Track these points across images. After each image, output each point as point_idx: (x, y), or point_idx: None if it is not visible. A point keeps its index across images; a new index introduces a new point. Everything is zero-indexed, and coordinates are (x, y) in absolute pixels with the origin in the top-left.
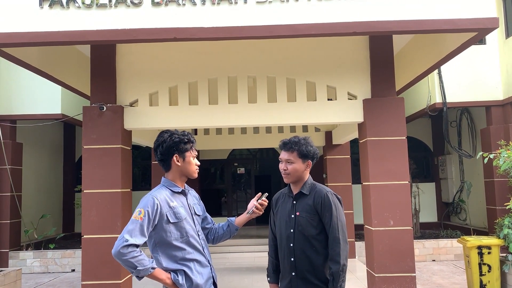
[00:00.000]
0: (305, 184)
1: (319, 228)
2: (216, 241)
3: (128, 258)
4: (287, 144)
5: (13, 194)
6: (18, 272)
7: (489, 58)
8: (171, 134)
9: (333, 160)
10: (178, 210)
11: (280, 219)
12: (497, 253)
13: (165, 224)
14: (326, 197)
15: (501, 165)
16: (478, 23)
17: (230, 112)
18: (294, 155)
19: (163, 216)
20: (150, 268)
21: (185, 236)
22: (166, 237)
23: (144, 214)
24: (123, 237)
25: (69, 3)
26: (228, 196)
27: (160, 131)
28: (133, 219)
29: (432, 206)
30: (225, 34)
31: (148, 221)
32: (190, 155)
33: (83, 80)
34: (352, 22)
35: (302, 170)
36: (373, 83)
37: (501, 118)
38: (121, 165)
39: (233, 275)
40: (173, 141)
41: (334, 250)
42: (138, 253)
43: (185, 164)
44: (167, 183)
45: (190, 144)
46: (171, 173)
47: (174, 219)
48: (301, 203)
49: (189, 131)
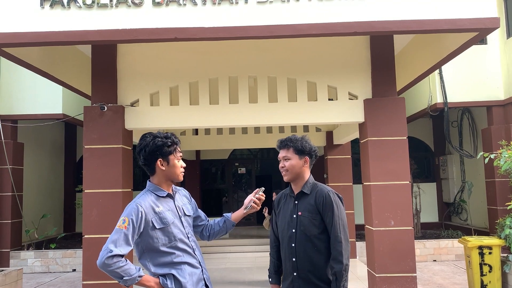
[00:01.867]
0: (306, 184)
1: (321, 228)
2: (212, 237)
3: (113, 269)
4: (283, 141)
5: (14, 194)
6: (19, 272)
7: (490, 58)
8: (153, 138)
9: (334, 160)
10: (165, 215)
11: (282, 219)
12: (498, 253)
13: (151, 231)
14: (328, 197)
15: (502, 165)
16: (479, 23)
17: (231, 112)
18: (291, 152)
19: (149, 222)
20: (137, 276)
21: (173, 241)
22: (153, 243)
23: (128, 222)
24: (107, 247)
25: (70, 3)
26: (229, 196)
27: (142, 134)
28: (117, 229)
29: (433, 206)
30: (226, 34)
31: (133, 229)
32: (174, 158)
33: (84, 80)
34: (352, 22)
35: (300, 166)
36: (374, 83)
37: (502, 118)
38: (122, 165)
39: (234, 275)
40: (156, 145)
41: (336, 249)
42: (123, 263)
43: (170, 168)
44: (152, 187)
45: (174, 146)
46: (156, 177)
47: (160, 225)
48: (303, 203)
49: (190, 132)
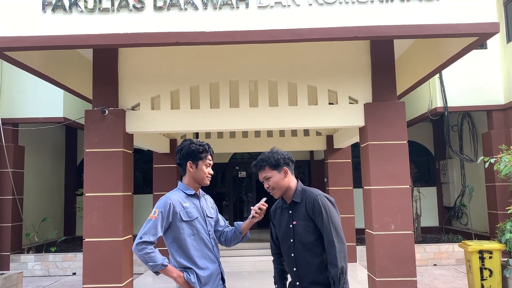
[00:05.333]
0: (295, 192)
1: (316, 234)
2: (227, 243)
3: (141, 254)
4: (256, 164)
5: (14, 197)
6: (19, 275)
7: (491, 62)
8: (190, 143)
9: (334, 164)
10: (190, 210)
11: (279, 230)
12: (498, 257)
13: (178, 222)
14: (316, 201)
15: (502, 169)
16: (479, 27)
17: (231, 116)
18: (267, 170)
19: (177, 214)
20: (161, 265)
21: (196, 234)
22: (180, 234)
23: (158, 213)
24: (139, 235)
25: (72, 8)
26: (229, 200)
27: (184, 139)
28: (148, 219)
29: (433, 210)
30: (227, 38)
31: (162, 219)
32: (203, 164)
33: (85, 83)
34: (353, 27)
35: (282, 178)
36: (374, 88)
37: (502, 122)
38: (123, 168)
39: (234, 279)
40: (190, 149)
41: (330, 253)
42: (150, 250)
43: (197, 171)
44: (182, 186)
45: (205, 153)
46: (186, 178)
47: (187, 218)
48: (296, 212)
49: (191, 135)
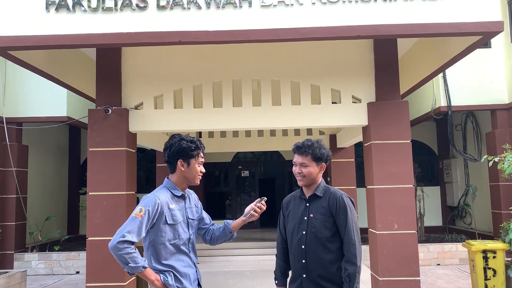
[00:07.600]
0: (318, 187)
1: (332, 231)
2: (213, 242)
3: (122, 254)
4: (301, 148)
5: (18, 196)
6: (23, 274)
7: (494, 61)
8: (180, 140)
9: (337, 164)
10: (176, 213)
11: (291, 222)
12: (502, 257)
13: (162, 225)
14: (341, 200)
15: (506, 168)
16: (482, 26)
17: (234, 115)
18: (308, 159)
19: (162, 216)
20: (141, 266)
21: (177, 239)
22: (161, 237)
23: (144, 212)
24: (121, 232)
25: (75, 7)
26: (232, 199)
27: (172, 135)
28: (133, 216)
29: (437, 210)
30: (230, 37)
31: (148, 219)
32: (195, 162)
33: (88, 83)
34: (356, 26)
35: (317, 173)
36: (378, 87)
37: (506, 121)
38: (126, 167)
39: (237, 278)
40: (181, 147)
41: (350, 252)
42: (132, 250)
43: (189, 170)
44: (169, 185)
45: (197, 151)
46: (175, 176)
47: (171, 221)
48: (314, 205)
49: (194, 135)
